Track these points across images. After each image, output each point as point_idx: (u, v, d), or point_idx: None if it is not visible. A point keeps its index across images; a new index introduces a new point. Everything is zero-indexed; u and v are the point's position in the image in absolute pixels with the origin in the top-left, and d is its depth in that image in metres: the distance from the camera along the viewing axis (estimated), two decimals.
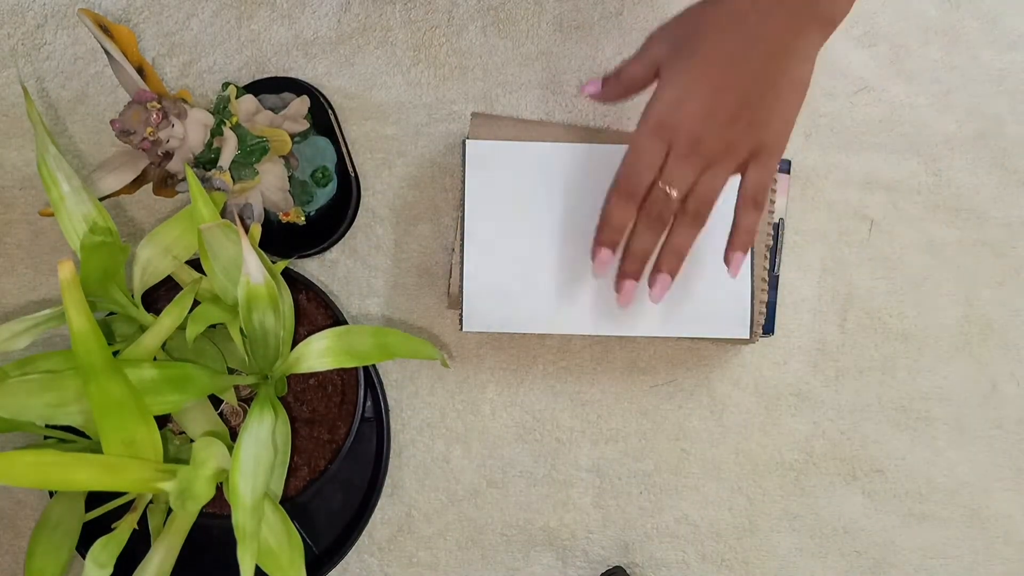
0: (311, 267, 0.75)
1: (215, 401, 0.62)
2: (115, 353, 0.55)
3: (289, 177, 0.70)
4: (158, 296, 0.66)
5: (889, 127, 0.76)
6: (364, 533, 0.73)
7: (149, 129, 0.57)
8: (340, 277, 0.75)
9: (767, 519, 0.73)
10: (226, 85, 0.64)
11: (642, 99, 0.59)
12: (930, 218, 0.75)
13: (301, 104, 0.71)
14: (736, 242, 0.58)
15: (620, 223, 0.57)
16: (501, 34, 0.77)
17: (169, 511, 0.59)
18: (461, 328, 0.67)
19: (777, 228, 0.71)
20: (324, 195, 0.73)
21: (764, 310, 0.67)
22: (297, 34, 0.77)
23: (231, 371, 0.62)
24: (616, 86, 0.59)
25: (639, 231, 0.57)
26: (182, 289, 0.59)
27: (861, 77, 0.76)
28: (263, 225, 0.66)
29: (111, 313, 0.60)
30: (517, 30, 0.77)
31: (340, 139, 0.74)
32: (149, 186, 0.64)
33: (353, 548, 0.72)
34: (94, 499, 0.58)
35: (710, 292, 0.67)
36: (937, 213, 0.75)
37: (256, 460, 0.54)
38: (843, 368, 0.74)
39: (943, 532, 0.73)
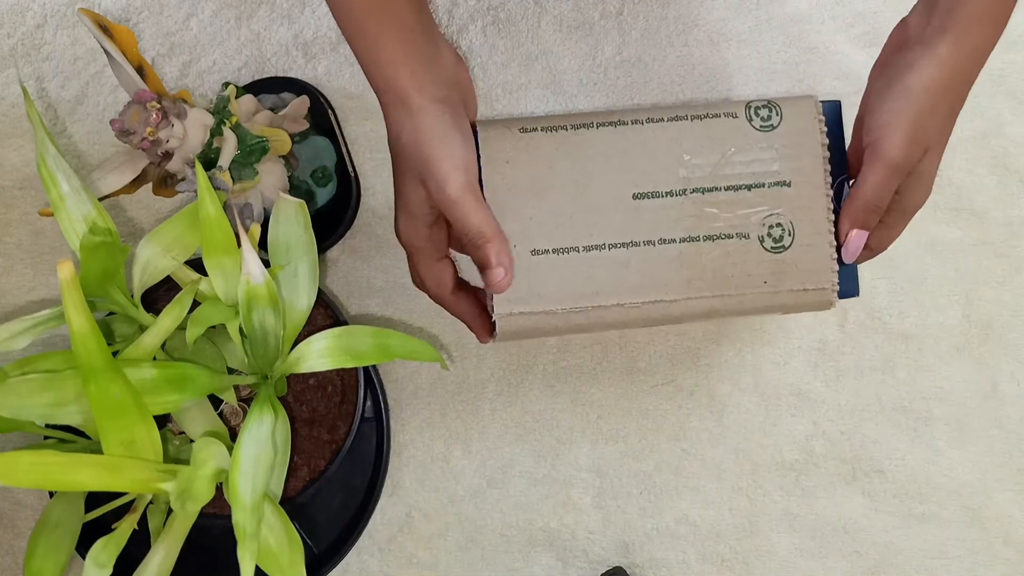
0: None
1: (215, 401, 0.62)
2: (115, 353, 0.55)
3: (289, 177, 0.70)
4: (158, 296, 0.66)
5: None
6: (364, 533, 0.73)
7: (149, 129, 0.57)
8: (340, 277, 0.75)
9: (767, 519, 0.73)
10: (226, 85, 0.64)
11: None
12: (930, 218, 0.75)
13: (301, 104, 0.71)
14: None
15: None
16: (501, 34, 0.77)
17: (169, 511, 0.59)
18: (494, 334, 0.57)
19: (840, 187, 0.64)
20: (324, 195, 0.73)
21: (837, 267, 0.58)
22: (297, 34, 0.77)
23: (231, 371, 0.62)
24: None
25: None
26: (182, 289, 0.59)
27: (862, 77, 0.76)
28: (263, 225, 0.66)
29: (111, 313, 0.60)
30: (517, 30, 0.77)
31: (340, 139, 0.74)
32: (149, 186, 0.64)
33: (353, 548, 0.72)
34: (94, 499, 0.58)
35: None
36: (937, 213, 0.75)
37: (256, 460, 0.54)
38: (843, 368, 0.74)
39: (943, 532, 0.73)
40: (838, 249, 0.58)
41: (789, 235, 0.57)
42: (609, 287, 0.57)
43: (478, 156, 0.56)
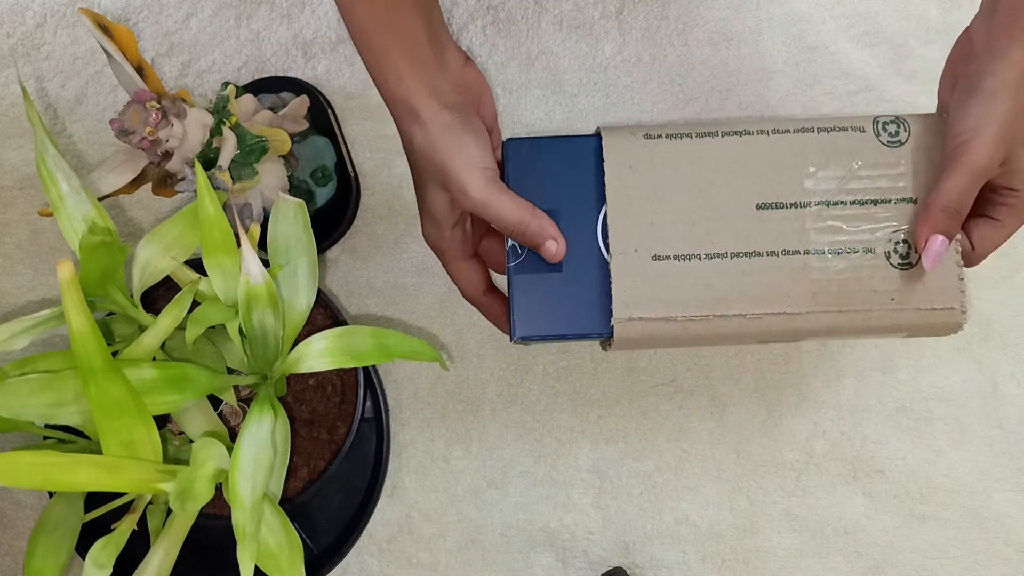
0: None
1: (215, 401, 0.62)
2: (114, 353, 0.55)
3: (289, 177, 0.70)
4: (157, 296, 0.66)
5: None
6: (364, 533, 0.73)
7: (149, 129, 0.57)
8: (340, 277, 0.75)
9: (768, 519, 0.73)
10: (226, 85, 0.64)
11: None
12: None
13: (300, 104, 0.71)
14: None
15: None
16: (501, 34, 0.77)
17: (169, 512, 0.59)
18: (610, 341, 0.56)
19: None
20: (324, 195, 0.73)
21: (964, 288, 0.55)
22: (297, 34, 0.77)
23: (231, 371, 0.62)
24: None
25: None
26: (181, 289, 0.59)
27: (862, 77, 0.76)
28: (263, 225, 0.66)
29: (110, 313, 0.60)
30: (517, 30, 0.77)
31: (340, 139, 0.74)
32: (148, 186, 0.64)
33: (353, 548, 0.72)
34: (93, 499, 0.58)
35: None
36: None
37: (256, 460, 0.54)
38: (843, 368, 0.74)
39: (943, 532, 0.73)
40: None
41: (915, 252, 0.56)
42: (730, 296, 0.56)
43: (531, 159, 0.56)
